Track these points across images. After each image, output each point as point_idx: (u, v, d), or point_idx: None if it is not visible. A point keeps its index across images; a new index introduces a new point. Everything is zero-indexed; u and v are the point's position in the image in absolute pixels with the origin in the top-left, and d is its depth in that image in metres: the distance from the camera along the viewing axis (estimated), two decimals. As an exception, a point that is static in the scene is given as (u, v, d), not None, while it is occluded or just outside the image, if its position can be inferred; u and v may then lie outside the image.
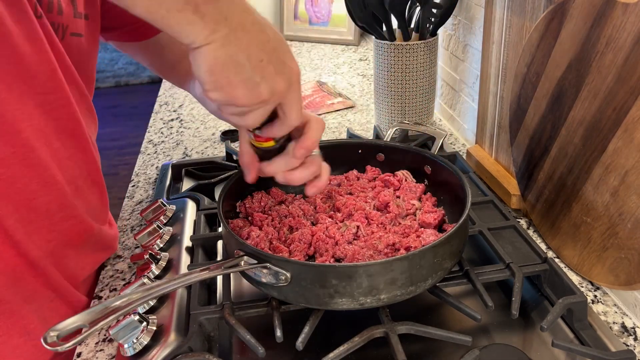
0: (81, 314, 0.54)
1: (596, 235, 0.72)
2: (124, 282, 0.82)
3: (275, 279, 0.62)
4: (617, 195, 0.67)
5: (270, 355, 0.63)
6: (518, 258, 0.74)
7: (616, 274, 0.69)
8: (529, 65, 0.81)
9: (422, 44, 1.08)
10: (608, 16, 0.66)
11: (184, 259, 0.78)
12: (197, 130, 1.31)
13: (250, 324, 0.66)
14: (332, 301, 0.62)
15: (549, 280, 0.72)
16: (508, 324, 0.70)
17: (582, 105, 0.72)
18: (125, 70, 5.07)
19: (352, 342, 0.61)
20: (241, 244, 0.65)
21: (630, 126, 0.64)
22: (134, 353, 0.63)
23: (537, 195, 0.84)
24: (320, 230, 0.74)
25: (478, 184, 0.92)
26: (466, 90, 1.15)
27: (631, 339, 0.67)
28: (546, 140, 0.80)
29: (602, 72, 0.68)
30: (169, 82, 1.65)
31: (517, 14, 0.87)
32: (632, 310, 0.70)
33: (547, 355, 0.66)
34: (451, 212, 0.78)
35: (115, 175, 2.92)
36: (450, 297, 0.67)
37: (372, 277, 0.61)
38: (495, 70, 0.95)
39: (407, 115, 1.15)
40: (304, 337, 0.62)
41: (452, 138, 1.20)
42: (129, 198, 1.04)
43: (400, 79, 1.11)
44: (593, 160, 0.71)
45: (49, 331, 0.52)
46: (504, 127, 0.95)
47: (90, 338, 0.71)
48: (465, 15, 1.11)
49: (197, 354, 0.62)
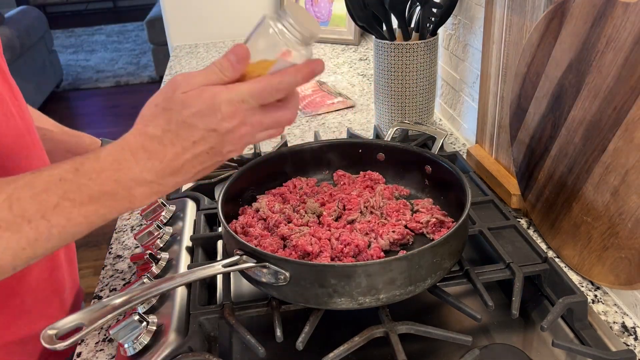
0: (80, 312, 0.54)
1: (596, 235, 0.72)
2: (124, 282, 0.82)
3: (274, 278, 0.62)
4: (618, 195, 0.67)
5: (270, 355, 0.63)
6: (518, 258, 0.73)
7: (616, 273, 0.69)
8: (529, 65, 0.81)
9: (422, 43, 1.08)
10: (608, 16, 0.65)
11: (183, 258, 0.78)
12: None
13: (250, 324, 0.66)
14: (331, 301, 0.62)
15: (549, 280, 0.72)
16: (508, 324, 0.70)
17: (582, 104, 0.72)
18: (125, 70, 5.06)
19: (352, 342, 0.61)
20: (241, 243, 0.65)
21: (630, 126, 0.64)
22: (134, 353, 0.63)
23: (537, 195, 0.84)
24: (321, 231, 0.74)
25: (478, 183, 0.92)
26: (466, 90, 1.14)
27: (631, 339, 0.67)
28: (546, 140, 0.80)
29: (602, 72, 0.67)
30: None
31: (517, 14, 0.87)
32: (633, 309, 0.70)
33: (548, 355, 0.65)
34: (451, 212, 0.78)
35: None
36: (451, 297, 0.67)
37: (371, 276, 0.61)
38: (496, 69, 0.95)
39: (407, 114, 1.15)
40: (304, 337, 0.62)
41: (452, 138, 1.20)
42: (129, 198, 1.04)
43: (400, 78, 1.11)
44: (593, 160, 0.71)
45: (47, 329, 0.52)
46: (504, 127, 0.95)
47: (91, 338, 0.71)
48: (466, 14, 1.11)
49: (197, 354, 0.62)
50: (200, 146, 0.52)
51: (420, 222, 0.76)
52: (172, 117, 0.51)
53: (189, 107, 0.51)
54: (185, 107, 0.51)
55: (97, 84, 4.79)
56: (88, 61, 5.39)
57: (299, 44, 0.53)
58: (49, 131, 0.95)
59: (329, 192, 0.83)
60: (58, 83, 4.70)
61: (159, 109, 0.52)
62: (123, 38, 6.07)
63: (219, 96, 0.51)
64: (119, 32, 6.32)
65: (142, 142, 0.51)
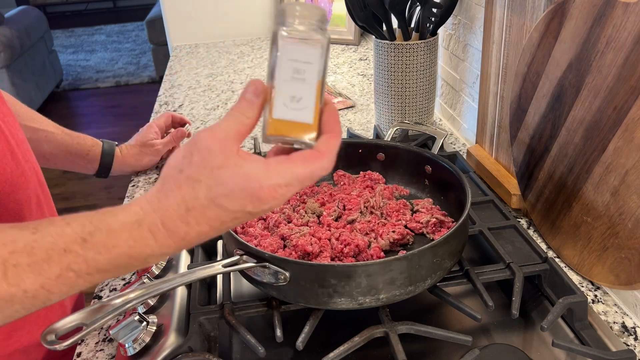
0: (80, 312, 0.54)
1: (596, 235, 0.72)
2: (124, 282, 0.82)
3: (274, 278, 0.62)
4: (618, 195, 0.67)
5: (270, 355, 0.63)
6: (518, 258, 0.73)
7: (616, 273, 0.69)
8: (529, 65, 0.81)
9: (422, 43, 1.08)
10: (608, 16, 0.65)
11: (183, 259, 0.78)
12: (197, 130, 1.31)
13: (250, 324, 0.66)
14: (331, 301, 0.62)
15: (549, 280, 0.72)
16: (508, 324, 0.70)
17: (582, 104, 0.72)
18: (125, 70, 5.06)
19: (352, 342, 0.61)
20: (241, 243, 0.65)
21: (630, 126, 0.64)
22: (134, 353, 0.63)
23: (537, 195, 0.84)
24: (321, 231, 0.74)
25: (478, 183, 0.92)
26: (466, 90, 1.14)
27: (631, 339, 0.67)
28: (546, 140, 0.80)
29: (602, 72, 0.67)
30: (169, 82, 1.65)
31: (517, 14, 0.87)
32: (633, 310, 0.70)
33: (548, 355, 0.65)
34: (451, 212, 0.78)
35: (114, 175, 2.92)
36: (451, 297, 0.67)
37: (370, 276, 0.61)
38: (496, 69, 0.95)
39: (407, 115, 1.15)
40: (304, 337, 0.62)
41: (452, 138, 1.20)
42: (129, 198, 1.04)
43: (400, 78, 1.11)
44: (593, 160, 0.71)
45: (47, 329, 0.52)
46: (504, 127, 0.95)
47: (90, 338, 0.71)
48: (466, 14, 1.11)
49: (197, 354, 0.62)
50: (231, 224, 0.47)
51: (420, 222, 0.76)
52: (199, 193, 0.44)
53: (221, 186, 0.44)
54: (217, 184, 0.44)
55: (97, 84, 4.79)
56: (88, 61, 5.39)
57: (314, 30, 0.48)
58: (50, 133, 0.94)
59: (329, 192, 0.83)
60: (58, 83, 4.70)
61: (184, 178, 0.45)
62: (123, 38, 6.07)
63: (258, 181, 0.44)
64: (119, 32, 6.32)
65: (163, 220, 0.45)
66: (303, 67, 0.47)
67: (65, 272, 0.45)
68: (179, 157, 0.46)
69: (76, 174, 3.21)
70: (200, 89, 1.58)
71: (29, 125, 0.90)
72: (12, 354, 0.71)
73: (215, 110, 1.42)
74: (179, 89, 1.59)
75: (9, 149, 0.69)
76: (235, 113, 0.47)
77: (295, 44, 0.47)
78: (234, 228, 0.49)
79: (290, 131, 0.47)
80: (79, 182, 3.20)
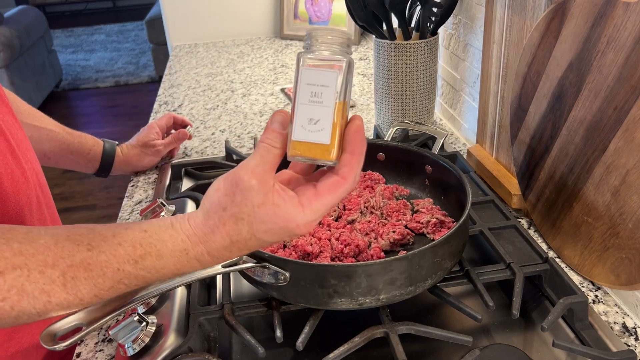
0: (79, 313, 0.54)
1: (597, 235, 0.72)
2: (124, 282, 0.81)
3: (274, 278, 0.62)
4: (618, 195, 0.67)
5: (270, 356, 0.63)
6: (519, 258, 0.73)
7: (617, 273, 0.69)
8: (530, 65, 0.81)
9: (422, 43, 1.08)
10: (609, 15, 0.65)
11: (183, 258, 0.78)
12: (197, 130, 1.31)
13: (250, 324, 0.66)
14: (331, 301, 0.62)
15: (549, 280, 0.72)
16: (509, 324, 0.70)
17: (583, 104, 0.72)
18: (125, 70, 5.06)
19: (352, 342, 0.61)
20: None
21: (631, 126, 0.64)
22: (133, 353, 0.63)
23: (538, 195, 0.84)
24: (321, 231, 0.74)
25: (479, 183, 0.92)
26: (467, 90, 1.14)
27: (632, 339, 0.66)
28: (547, 140, 0.80)
29: (603, 72, 0.67)
30: (168, 82, 1.65)
31: (517, 13, 0.86)
32: (633, 310, 0.69)
33: (548, 355, 0.65)
34: (451, 212, 0.78)
35: (114, 175, 2.92)
36: (451, 297, 0.67)
37: (371, 277, 0.60)
38: (496, 69, 0.95)
39: (407, 114, 1.15)
40: (304, 337, 0.62)
41: (452, 137, 1.20)
42: (128, 198, 1.04)
43: (400, 78, 1.11)
44: (594, 160, 0.71)
45: (47, 330, 0.52)
46: (505, 127, 0.95)
47: (90, 338, 0.71)
48: (466, 14, 1.11)
49: (197, 354, 0.62)
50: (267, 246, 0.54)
51: (420, 222, 0.76)
52: (242, 229, 0.49)
53: (262, 224, 0.49)
54: (258, 222, 0.49)
55: (97, 84, 4.78)
56: (87, 61, 5.39)
57: (337, 54, 0.51)
58: (51, 131, 0.95)
59: (329, 192, 0.83)
60: (57, 83, 4.70)
61: (228, 216, 0.49)
62: (122, 38, 6.06)
63: (295, 221, 0.49)
64: (119, 31, 6.32)
65: (209, 250, 0.50)
66: (320, 90, 0.50)
67: (117, 285, 0.50)
68: (220, 195, 0.50)
69: (76, 174, 3.22)
70: (199, 88, 1.58)
71: (30, 124, 0.90)
72: (12, 356, 0.70)
73: (215, 110, 1.42)
74: (179, 88, 1.59)
75: (9, 149, 0.69)
76: (265, 145, 0.50)
77: (312, 69, 0.50)
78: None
79: (309, 151, 0.50)
80: (79, 182, 3.20)
